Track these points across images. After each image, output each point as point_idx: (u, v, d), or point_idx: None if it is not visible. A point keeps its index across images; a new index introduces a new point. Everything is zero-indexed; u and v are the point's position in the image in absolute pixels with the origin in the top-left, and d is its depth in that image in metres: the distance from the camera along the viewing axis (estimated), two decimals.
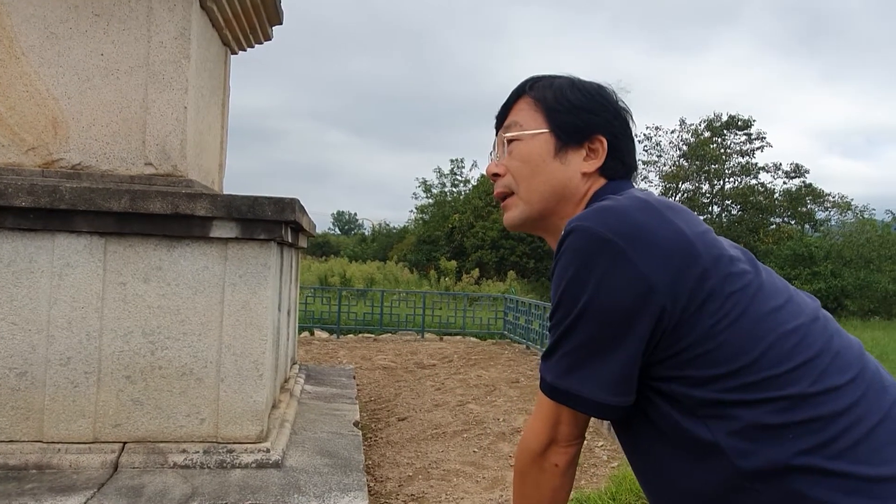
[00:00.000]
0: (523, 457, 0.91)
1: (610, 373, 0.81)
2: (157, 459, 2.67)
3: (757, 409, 0.77)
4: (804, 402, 0.76)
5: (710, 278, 0.79)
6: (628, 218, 0.81)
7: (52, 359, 2.68)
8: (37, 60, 3.04)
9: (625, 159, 0.99)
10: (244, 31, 4.14)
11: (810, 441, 0.75)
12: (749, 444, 0.76)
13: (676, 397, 0.81)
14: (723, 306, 0.79)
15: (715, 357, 0.78)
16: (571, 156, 0.97)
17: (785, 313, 0.81)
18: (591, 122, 0.97)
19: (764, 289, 0.82)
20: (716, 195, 22.39)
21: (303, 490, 2.54)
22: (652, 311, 0.78)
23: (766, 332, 0.79)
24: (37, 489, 2.39)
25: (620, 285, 0.79)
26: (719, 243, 0.84)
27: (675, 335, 0.79)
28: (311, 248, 32.63)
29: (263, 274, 2.82)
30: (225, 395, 2.78)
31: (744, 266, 0.83)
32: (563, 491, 0.91)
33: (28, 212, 2.64)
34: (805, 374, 0.77)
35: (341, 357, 7.29)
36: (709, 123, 22.80)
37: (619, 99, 1.02)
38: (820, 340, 0.80)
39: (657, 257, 0.79)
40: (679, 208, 0.87)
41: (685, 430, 0.80)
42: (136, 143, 3.11)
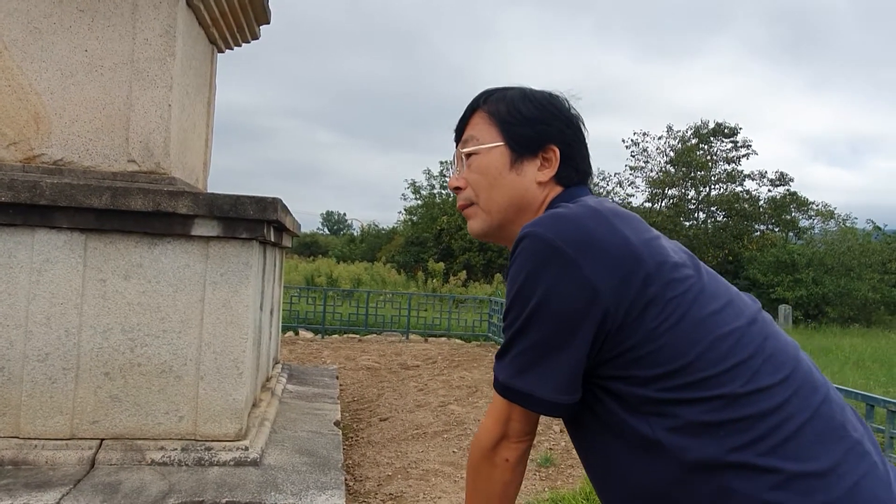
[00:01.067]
0: (476, 452, 0.96)
1: (558, 373, 0.86)
2: (134, 456, 2.67)
3: (694, 408, 0.81)
4: (736, 401, 0.80)
5: (653, 284, 0.84)
6: (577, 226, 0.86)
7: (29, 355, 2.67)
8: (19, 55, 3.03)
9: (579, 166, 1.04)
10: (231, 29, 4.15)
11: (742, 438, 0.79)
12: (687, 441, 0.80)
13: (622, 395, 0.85)
14: (664, 310, 0.83)
15: (656, 358, 0.82)
16: (527, 166, 1.01)
17: (723, 317, 0.85)
18: (544, 132, 1.01)
19: (705, 293, 0.86)
20: (702, 202, 22.58)
21: (280, 488, 2.55)
22: (596, 315, 0.83)
23: (703, 334, 0.83)
24: (12, 485, 2.39)
25: (567, 290, 0.83)
26: (664, 250, 0.88)
27: (619, 337, 0.84)
28: (299, 248, 32.52)
29: (245, 273, 2.83)
30: (204, 392, 2.78)
31: (687, 272, 0.87)
32: (513, 485, 0.95)
33: (7, 207, 2.63)
34: (738, 374, 0.81)
35: (325, 357, 7.29)
36: (696, 130, 22.99)
37: (570, 107, 1.06)
38: (754, 343, 0.85)
39: (603, 264, 0.83)
40: (628, 216, 0.92)
41: (630, 427, 0.84)
42: (119, 139, 3.10)
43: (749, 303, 0.92)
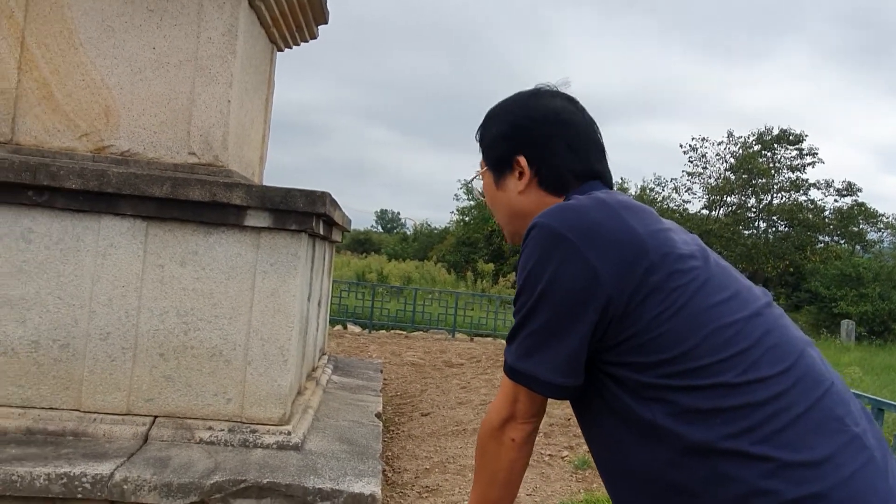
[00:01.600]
0: (484, 431, 1.01)
1: (560, 356, 0.89)
2: (184, 434, 2.80)
3: (690, 395, 0.83)
4: (732, 389, 0.82)
5: (656, 273, 0.86)
6: (583, 215, 0.91)
7: (92, 333, 2.84)
8: (93, 51, 3.22)
9: (557, 164, 1.05)
10: (290, 29, 4.28)
11: (737, 426, 0.81)
12: (683, 426, 0.83)
13: (623, 381, 0.88)
14: (666, 299, 0.86)
15: (657, 345, 0.85)
16: (509, 181, 1.09)
17: (726, 308, 0.87)
18: (510, 147, 1.08)
19: (710, 284, 0.89)
20: (762, 210, 21.84)
21: (319, 473, 2.63)
22: (599, 301, 0.86)
23: (704, 324, 0.85)
24: (72, 454, 2.55)
25: (571, 276, 0.87)
26: (671, 241, 0.91)
27: (622, 324, 0.87)
28: (352, 245, 33.00)
29: (293, 263, 2.93)
30: (251, 377, 2.90)
31: (693, 263, 0.90)
32: (518, 464, 0.99)
33: (78, 193, 2.81)
34: (735, 364, 0.83)
35: (371, 351, 7.42)
36: (759, 136, 22.26)
37: (548, 104, 1.07)
38: (755, 334, 0.86)
39: (606, 252, 0.87)
40: (638, 208, 0.95)
41: (632, 411, 0.87)
42: (181, 133, 3.26)
43: (759, 295, 0.93)
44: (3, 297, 2.81)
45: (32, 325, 2.82)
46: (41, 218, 2.83)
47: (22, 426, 2.73)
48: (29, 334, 2.82)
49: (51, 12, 3.20)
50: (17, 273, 2.81)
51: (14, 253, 2.82)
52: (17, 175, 2.75)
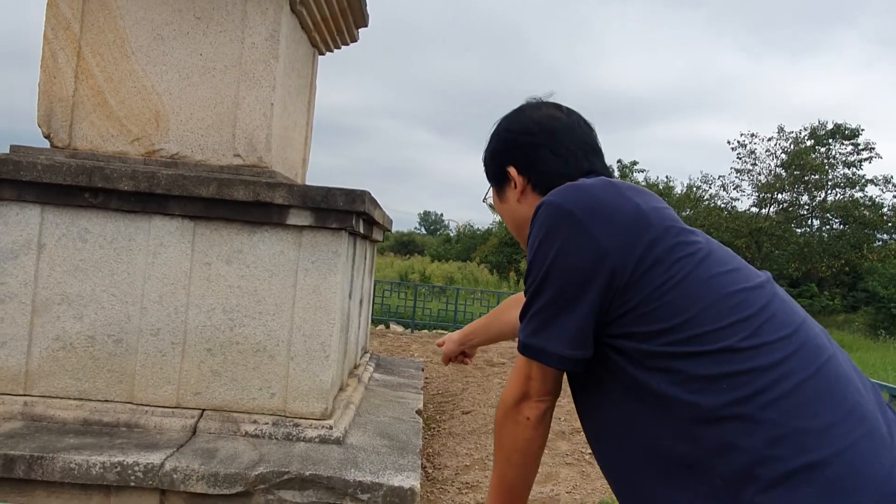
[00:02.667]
0: (500, 410, 1.03)
1: (570, 328, 0.91)
2: (230, 427, 2.89)
3: (695, 361, 0.84)
4: (738, 354, 0.83)
5: (659, 245, 0.89)
6: (587, 193, 0.94)
7: (144, 329, 2.96)
8: (144, 59, 3.35)
9: (544, 169, 1.11)
10: (331, 32, 4.37)
11: (743, 391, 0.81)
12: (690, 394, 0.84)
13: (628, 352, 0.90)
14: (669, 270, 0.87)
15: (660, 314, 0.87)
16: (508, 193, 1.17)
17: (728, 278, 0.89)
18: (501, 160, 1.16)
19: (711, 257, 0.90)
20: (816, 208, 21.10)
21: (360, 466, 2.68)
22: (604, 273, 0.89)
23: (707, 292, 0.87)
24: (125, 444, 2.66)
25: (577, 250, 0.90)
26: (674, 218, 0.94)
27: (626, 296, 0.89)
28: (396, 247, 33.25)
29: (334, 261, 2.99)
30: (294, 372, 2.97)
31: (694, 237, 0.92)
32: (535, 443, 1.01)
33: (130, 195, 2.93)
34: (739, 329, 0.84)
35: (413, 350, 7.48)
36: (812, 132, 21.52)
37: (527, 119, 1.14)
38: (758, 303, 0.87)
39: (611, 226, 0.90)
40: (641, 190, 0.98)
41: (637, 382, 0.88)
42: (226, 135, 3.36)
43: (759, 273, 0.94)
44: (63, 294, 2.95)
45: (89, 321, 2.95)
46: (96, 219, 2.97)
47: (79, 417, 2.87)
48: (86, 329, 2.95)
49: (105, 23, 3.35)
50: (74, 271, 2.96)
51: (72, 252, 2.96)
52: (74, 178, 2.89)
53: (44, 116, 3.33)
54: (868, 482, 0.76)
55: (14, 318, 2.93)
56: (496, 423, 1.04)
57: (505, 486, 1.03)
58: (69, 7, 3.33)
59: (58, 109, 3.33)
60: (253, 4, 3.36)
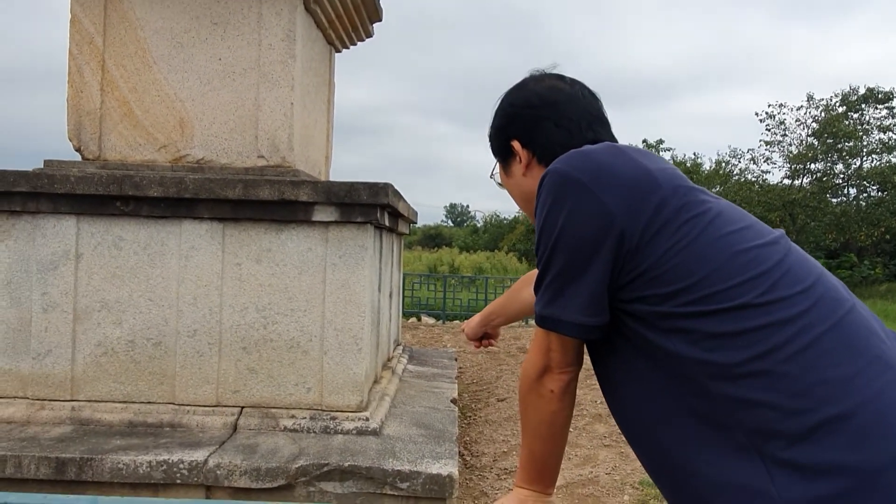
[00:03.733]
0: (523, 383, 1.02)
1: (584, 295, 0.91)
2: (269, 423, 2.95)
3: (711, 319, 0.83)
4: (753, 310, 0.82)
5: (668, 206, 0.88)
6: (593, 158, 0.93)
7: (181, 331, 3.03)
8: (165, 67, 3.42)
9: (545, 141, 1.10)
10: (346, 29, 4.39)
11: (761, 346, 0.80)
12: (707, 353, 0.83)
13: (642, 316, 0.89)
14: (679, 230, 0.86)
15: (672, 275, 0.86)
16: (513, 167, 1.16)
17: (740, 236, 0.87)
18: (505, 135, 1.15)
19: (722, 217, 0.89)
20: (851, 176, 20.53)
21: (398, 456, 2.71)
22: (614, 237, 0.88)
23: (719, 251, 0.85)
24: (169, 443, 2.74)
25: (586, 216, 0.89)
26: (684, 178, 0.93)
27: (636, 259, 0.88)
28: (424, 240, 33.33)
29: (361, 255, 3.02)
30: (328, 366, 3.02)
31: (704, 197, 0.91)
32: (561, 414, 1.00)
33: (160, 201, 3.00)
34: (754, 286, 0.83)
35: (446, 341, 7.51)
36: (843, 97, 20.89)
37: (529, 92, 1.14)
38: (772, 259, 0.86)
39: (618, 189, 0.89)
40: (648, 153, 0.97)
41: (654, 345, 0.88)
42: (249, 138, 3.42)
43: (772, 230, 0.93)
44: (102, 301, 3.04)
45: (128, 326, 3.04)
46: (129, 226, 3.05)
47: (125, 419, 2.96)
48: (125, 334, 3.04)
49: (126, 34, 3.43)
50: (111, 278, 3.04)
51: (108, 260, 3.04)
52: (105, 188, 2.97)
53: (73, 130, 3.43)
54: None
55: (57, 327, 3.03)
56: (520, 397, 1.04)
57: (535, 459, 1.03)
58: (91, 22, 3.41)
59: (86, 122, 3.41)
60: (268, 6, 3.40)
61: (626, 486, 3.06)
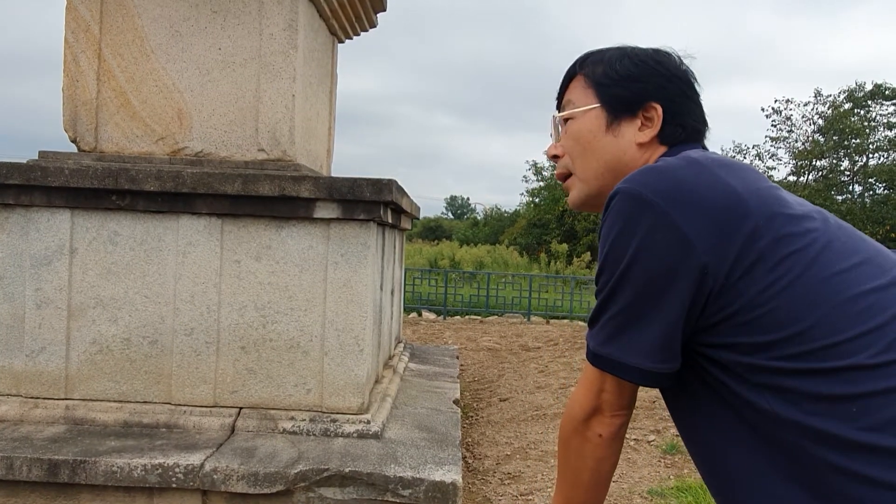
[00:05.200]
0: (567, 425, 0.90)
1: (651, 338, 0.79)
2: (268, 425, 2.87)
3: (814, 380, 0.71)
4: (868, 372, 0.69)
5: (762, 238, 0.74)
6: (672, 177, 0.79)
7: (178, 329, 2.95)
8: (164, 57, 3.32)
9: (686, 123, 0.95)
10: (350, 19, 4.29)
11: (878, 416, 0.68)
12: (811, 418, 0.71)
13: (729, 365, 0.77)
14: (776, 269, 0.73)
15: (767, 323, 0.73)
16: (625, 128, 0.96)
17: (854, 276, 0.74)
18: (643, 90, 0.95)
19: (831, 249, 0.76)
20: (857, 173, 20.39)
21: (399, 461, 2.63)
22: (692, 272, 0.75)
23: (826, 296, 0.73)
24: (165, 445, 2.66)
25: (661, 246, 0.76)
26: (781, 201, 0.78)
27: (723, 300, 0.75)
28: (424, 233, 33.26)
29: (363, 253, 2.93)
30: (328, 367, 2.93)
31: (809, 224, 0.77)
32: (607, 462, 0.88)
33: (156, 195, 2.91)
34: (871, 342, 0.70)
35: (447, 338, 7.43)
36: (850, 94, 20.73)
37: (680, 62, 0.98)
38: (894, 306, 0.72)
39: (700, 216, 0.75)
40: (736, 165, 0.82)
41: (743, 400, 0.76)
42: (249, 130, 3.32)
43: (894, 259, 0.79)
44: (97, 298, 2.96)
45: (123, 324, 2.96)
46: (125, 221, 2.96)
47: (120, 419, 2.88)
48: (121, 332, 2.96)
49: (123, 22, 3.32)
50: (106, 274, 2.96)
51: (103, 255, 2.95)
52: (100, 181, 2.88)
53: (69, 121, 3.33)
54: None
55: (51, 324, 2.95)
56: (561, 439, 0.92)
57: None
58: (88, 9, 3.31)
59: (82, 113, 3.32)
60: None
61: (635, 496, 2.98)
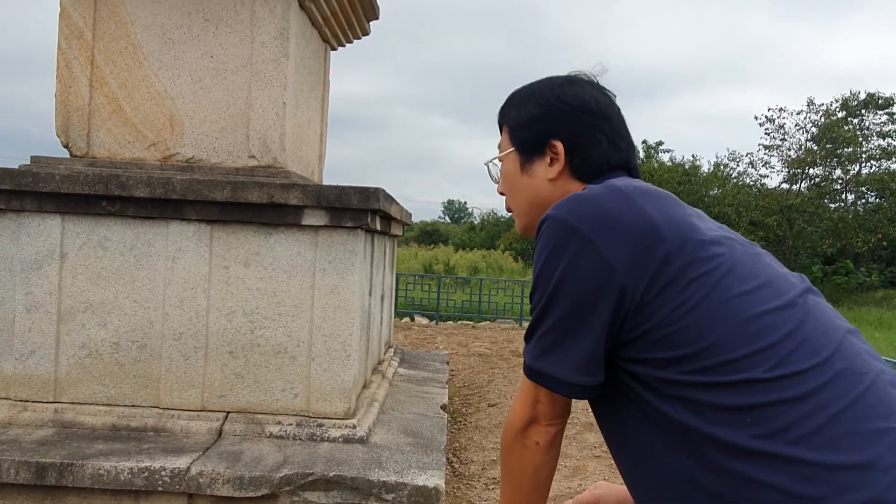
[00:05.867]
0: (507, 434, 0.97)
1: (578, 353, 0.86)
2: (255, 429, 2.90)
3: (716, 392, 0.78)
4: (762, 385, 0.76)
5: (674, 263, 0.81)
6: (595, 205, 0.86)
7: (166, 334, 2.98)
8: (156, 64, 3.36)
9: (590, 154, 1.01)
10: (342, 27, 4.33)
11: (768, 426, 0.75)
12: (710, 426, 0.78)
13: (644, 378, 0.84)
14: (685, 290, 0.80)
15: (676, 340, 0.80)
16: (537, 167, 1.04)
17: (753, 298, 0.81)
18: (545, 130, 1.03)
19: (734, 273, 0.82)
20: (850, 182, 20.52)
21: (384, 466, 2.67)
22: (613, 293, 0.82)
23: (727, 316, 0.79)
24: (152, 449, 2.69)
25: (585, 269, 0.84)
26: (693, 228, 0.85)
27: (638, 317, 0.82)
28: (420, 236, 33.30)
29: (351, 260, 2.97)
30: (315, 372, 2.97)
31: (717, 250, 0.84)
32: (545, 468, 0.95)
33: (146, 201, 2.94)
34: (765, 358, 0.77)
35: (438, 343, 7.47)
36: (844, 103, 20.87)
37: (590, 88, 1.04)
38: (788, 325, 0.79)
39: (620, 242, 0.83)
40: (655, 194, 0.89)
41: (657, 410, 0.83)
42: (241, 137, 3.36)
43: (795, 283, 0.86)
44: (86, 302, 2.99)
45: (113, 328, 2.99)
46: (115, 226, 2.99)
47: (108, 423, 2.91)
48: (110, 336, 2.99)
49: (116, 29, 3.36)
50: (96, 279, 2.99)
51: (93, 260, 2.99)
52: (91, 187, 2.91)
53: (61, 126, 3.36)
54: None
55: (41, 328, 2.98)
56: (503, 448, 0.99)
57: None
58: (81, 16, 3.35)
59: (75, 119, 3.35)
60: (261, 3, 3.34)
61: None
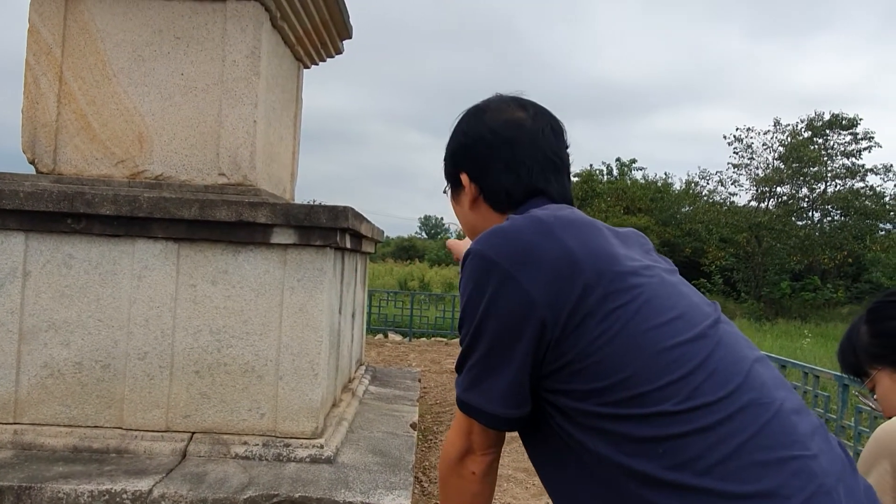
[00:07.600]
0: (444, 465, 0.99)
1: (503, 386, 0.87)
2: (220, 450, 2.87)
3: (630, 424, 0.80)
4: (673, 418, 0.78)
5: (592, 294, 0.83)
6: (513, 239, 0.88)
7: (131, 353, 2.94)
8: (126, 81, 3.34)
9: (491, 182, 1.04)
10: (315, 46, 4.36)
11: (679, 457, 0.77)
12: (625, 457, 0.80)
13: (564, 409, 0.86)
14: (603, 321, 0.82)
15: (594, 372, 0.82)
16: (462, 198, 1.11)
17: (667, 330, 0.83)
18: (456, 163, 1.08)
19: (651, 305, 0.85)
20: (815, 200, 21.04)
21: (350, 486, 2.65)
22: (535, 326, 0.84)
23: (641, 348, 0.82)
24: (114, 471, 2.64)
25: (506, 303, 0.85)
26: (614, 259, 0.87)
27: (559, 349, 0.84)
28: (397, 252, 33.23)
29: (319, 279, 2.97)
30: (283, 392, 2.95)
31: (634, 281, 0.86)
32: (483, 495, 0.97)
33: (112, 219, 2.91)
34: (676, 391, 0.80)
35: (411, 360, 7.45)
36: (809, 123, 21.45)
37: (497, 114, 1.05)
38: (697, 358, 0.82)
39: (539, 275, 0.84)
40: (579, 223, 0.91)
41: (575, 440, 0.85)
42: (210, 154, 3.35)
43: (708, 313, 0.89)
44: (49, 321, 2.94)
45: (76, 347, 2.94)
46: (80, 244, 2.95)
47: (69, 444, 2.85)
48: (73, 356, 2.94)
49: (86, 46, 3.35)
50: (60, 297, 2.94)
51: (56, 278, 2.94)
52: (56, 204, 2.88)
53: (28, 142, 3.33)
54: None
55: (1, 347, 2.92)
56: (441, 478, 1.00)
57: None
58: (50, 32, 3.33)
59: (41, 135, 3.32)
60: (233, 22, 3.35)
61: None
